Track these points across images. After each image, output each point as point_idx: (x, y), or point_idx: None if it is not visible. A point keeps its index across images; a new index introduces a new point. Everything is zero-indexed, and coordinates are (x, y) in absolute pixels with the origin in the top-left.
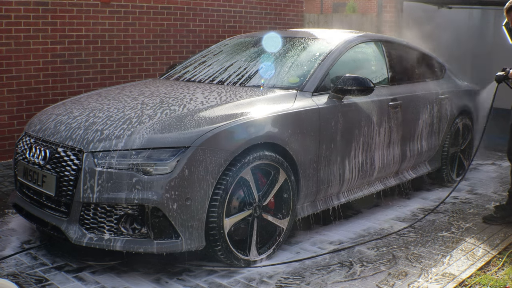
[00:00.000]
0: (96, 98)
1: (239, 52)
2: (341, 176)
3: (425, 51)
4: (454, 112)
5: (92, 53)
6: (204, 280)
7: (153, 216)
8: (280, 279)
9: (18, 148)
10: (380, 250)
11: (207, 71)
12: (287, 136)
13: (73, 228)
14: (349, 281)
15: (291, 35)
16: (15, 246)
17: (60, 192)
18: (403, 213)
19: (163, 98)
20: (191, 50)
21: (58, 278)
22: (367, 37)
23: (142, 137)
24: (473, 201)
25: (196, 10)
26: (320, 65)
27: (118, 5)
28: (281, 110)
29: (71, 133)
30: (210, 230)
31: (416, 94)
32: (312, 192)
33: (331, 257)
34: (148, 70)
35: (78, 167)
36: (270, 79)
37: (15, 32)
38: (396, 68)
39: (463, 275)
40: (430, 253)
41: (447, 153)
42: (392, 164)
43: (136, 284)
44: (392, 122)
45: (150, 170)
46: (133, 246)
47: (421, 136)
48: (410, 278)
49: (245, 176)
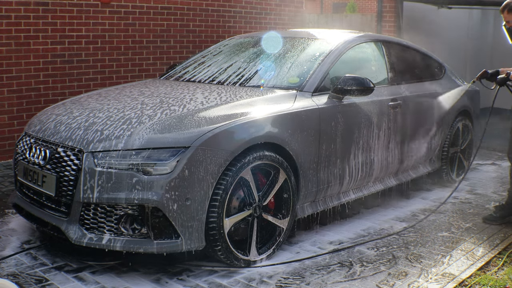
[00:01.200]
0: (96, 98)
1: (239, 52)
2: (341, 176)
3: (425, 51)
4: (454, 112)
5: (92, 53)
6: (204, 280)
7: (153, 216)
8: (280, 279)
9: (18, 148)
10: (380, 250)
11: (207, 71)
12: (287, 136)
13: (73, 228)
14: (349, 281)
15: (291, 35)
16: (15, 246)
17: (60, 192)
18: (403, 213)
19: (163, 98)
20: (191, 50)
21: (58, 278)
22: (367, 37)
23: (142, 137)
24: (473, 201)
25: (196, 10)
26: (320, 65)
27: (118, 6)
28: (281, 110)
29: (71, 134)
30: (210, 230)
31: (416, 94)
32: (312, 192)
33: (331, 257)
34: (148, 70)
35: (78, 167)
36: (270, 79)
37: (15, 32)
38: (396, 68)
39: (463, 275)
40: (430, 253)
41: (447, 153)
42: (392, 164)
43: (136, 284)
44: (392, 122)
45: (150, 170)
46: (133, 246)
47: (421, 136)
48: (410, 278)
49: (245, 176)
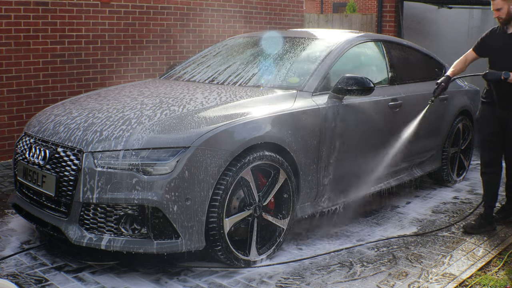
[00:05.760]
0: (96, 99)
1: (239, 52)
2: (341, 176)
3: (425, 51)
4: (454, 112)
5: (92, 53)
6: (204, 280)
7: (153, 217)
8: (280, 279)
9: (18, 148)
10: (380, 250)
11: (207, 71)
12: (287, 136)
13: (73, 229)
14: (349, 281)
15: (291, 35)
16: (15, 246)
17: (60, 192)
18: (403, 213)
19: (162, 98)
20: (191, 50)
21: (58, 278)
22: (367, 37)
23: (141, 138)
24: (473, 201)
25: (196, 10)
26: (320, 65)
27: (118, 5)
28: (281, 110)
29: (71, 134)
30: (210, 230)
31: (416, 94)
32: (312, 192)
33: (331, 257)
34: (148, 70)
35: (78, 167)
36: (270, 79)
37: (15, 32)
38: (396, 68)
39: (463, 275)
40: (430, 253)
41: (447, 153)
42: (392, 164)
43: (136, 284)
44: (392, 122)
45: (150, 170)
46: (133, 247)
47: (421, 136)
48: (411, 278)
49: (245, 176)
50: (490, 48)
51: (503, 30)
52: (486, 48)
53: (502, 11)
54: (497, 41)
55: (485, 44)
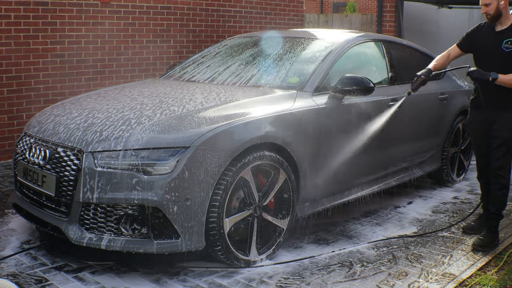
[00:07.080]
0: (96, 99)
1: (239, 52)
2: (341, 176)
3: (425, 51)
4: (454, 112)
5: (92, 53)
6: (204, 280)
7: (153, 217)
8: (280, 279)
9: (18, 148)
10: (380, 250)
11: (207, 71)
12: (287, 136)
13: (73, 228)
14: (349, 281)
15: (291, 35)
16: (15, 246)
17: (60, 192)
18: (403, 213)
19: (162, 98)
20: (191, 50)
21: (58, 278)
22: (367, 37)
23: (141, 138)
24: (473, 201)
25: (196, 10)
26: (320, 65)
27: (118, 5)
28: (281, 110)
29: (71, 134)
30: (210, 230)
31: (416, 94)
32: (312, 192)
33: (331, 257)
34: (148, 70)
35: (78, 167)
36: (270, 79)
37: (15, 32)
38: (396, 68)
39: (463, 275)
40: (430, 253)
41: (447, 153)
42: (392, 164)
43: (136, 284)
44: (392, 122)
45: (150, 170)
46: (133, 246)
47: (421, 136)
48: (410, 278)
49: (245, 176)
50: (475, 45)
51: (490, 27)
52: (471, 44)
53: (491, 7)
54: (484, 39)
55: (470, 40)
